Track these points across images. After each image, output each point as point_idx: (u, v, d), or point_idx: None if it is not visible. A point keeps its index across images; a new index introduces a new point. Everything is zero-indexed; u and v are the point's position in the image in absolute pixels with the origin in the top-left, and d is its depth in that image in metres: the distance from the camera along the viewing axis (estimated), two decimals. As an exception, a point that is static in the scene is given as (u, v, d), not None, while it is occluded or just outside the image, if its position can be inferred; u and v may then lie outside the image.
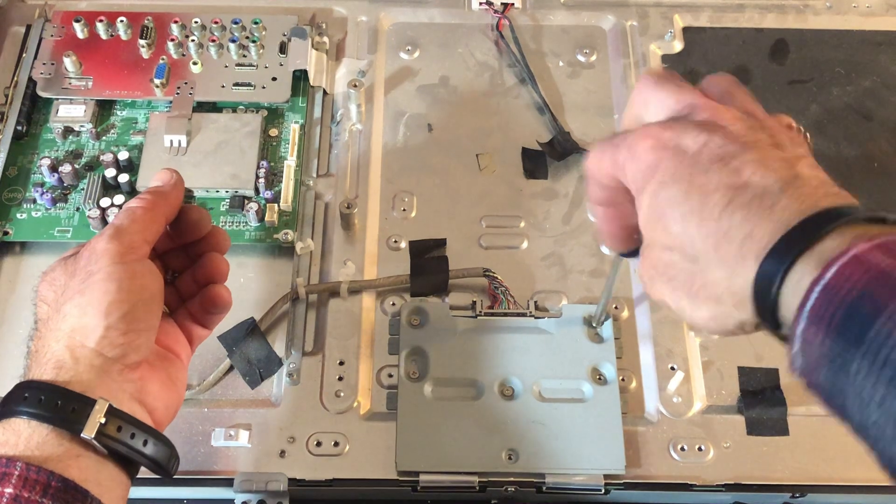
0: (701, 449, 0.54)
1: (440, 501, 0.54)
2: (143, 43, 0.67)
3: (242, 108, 0.66)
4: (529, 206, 0.64)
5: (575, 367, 0.56)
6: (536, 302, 0.58)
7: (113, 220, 0.44)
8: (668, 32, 0.73)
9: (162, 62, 0.66)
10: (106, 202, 0.60)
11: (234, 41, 0.67)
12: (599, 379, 0.55)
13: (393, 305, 0.59)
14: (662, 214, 0.35)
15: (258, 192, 0.62)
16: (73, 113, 0.65)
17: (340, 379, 0.56)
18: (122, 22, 0.67)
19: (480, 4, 0.73)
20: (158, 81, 0.65)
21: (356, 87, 0.66)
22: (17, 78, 0.66)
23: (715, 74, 0.39)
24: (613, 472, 0.53)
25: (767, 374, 0.57)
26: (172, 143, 0.63)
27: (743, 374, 0.57)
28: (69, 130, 0.64)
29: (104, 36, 0.68)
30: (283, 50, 0.67)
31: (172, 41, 0.67)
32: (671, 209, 0.34)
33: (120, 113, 0.66)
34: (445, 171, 0.65)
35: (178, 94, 0.65)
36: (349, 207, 0.61)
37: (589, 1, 0.74)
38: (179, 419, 0.46)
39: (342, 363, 0.57)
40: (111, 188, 0.62)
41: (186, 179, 0.48)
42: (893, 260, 0.29)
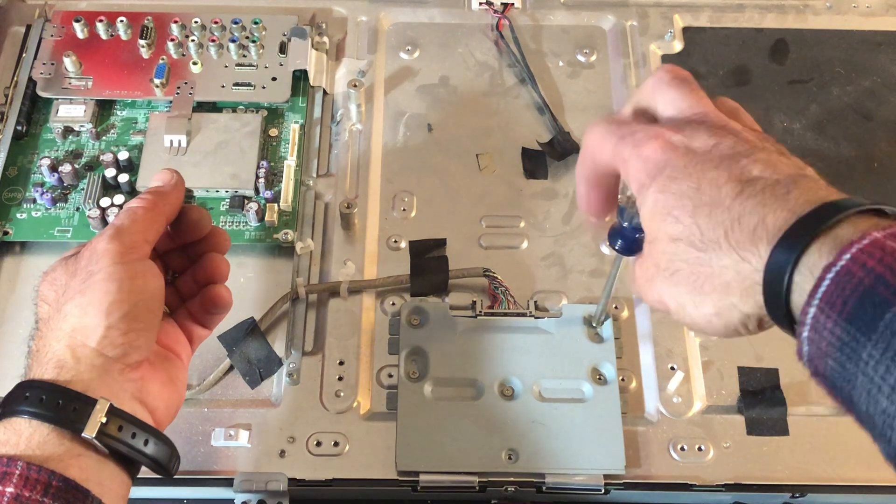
0: (701, 449, 0.54)
1: (440, 501, 0.54)
2: (143, 43, 0.67)
3: (242, 108, 0.66)
4: (529, 206, 0.64)
5: (575, 367, 0.56)
6: (536, 302, 0.58)
7: (113, 220, 0.44)
8: (668, 32, 0.73)
9: (162, 62, 0.66)
10: (106, 202, 0.60)
11: (234, 41, 0.67)
12: (599, 379, 0.55)
13: (393, 305, 0.59)
14: (672, 207, 0.35)
15: (258, 192, 0.62)
16: (73, 113, 0.65)
17: (340, 379, 0.56)
18: (122, 22, 0.67)
19: (480, 4, 0.73)
20: (158, 81, 0.65)
21: (356, 87, 0.66)
22: (17, 78, 0.66)
23: (721, 98, 0.39)
24: (613, 472, 0.53)
25: (767, 374, 0.57)
26: (172, 143, 0.63)
27: (743, 374, 0.57)
28: (69, 130, 0.64)
29: (104, 36, 0.68)
30: (283, 50, 0.67)
31: (172, 41, 0.67)
32: (681, 202, 0.34)
33: (120, 113, 0.66)
34: (445, 171, 0.65)
35: (178, 94, 0.65)
36: (349, 207, 0.61)
37: (589, 1, 0.74)
38: (179, 419, 0.46)
39: (342, 363, 0.57)
40: (111, 188, 0.62)
41: (186, 179, 0.48)
42: None
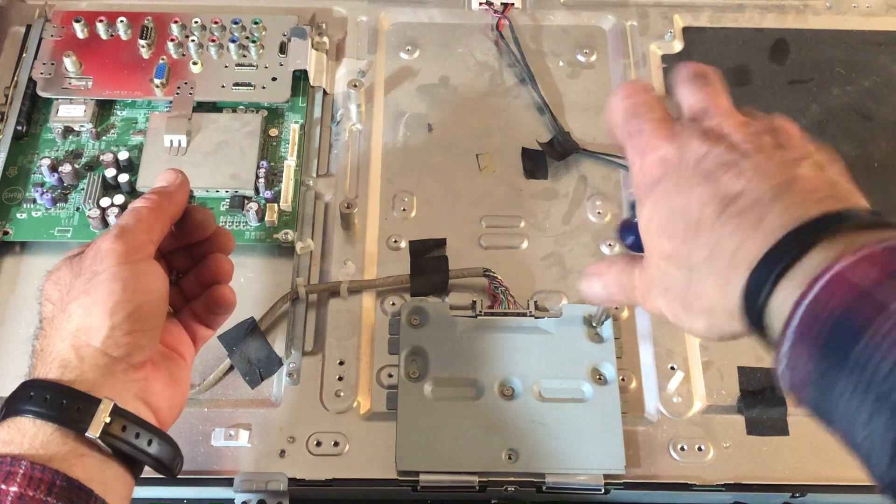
0: (701, 449, 0.54)
1: (440, 501, 0.54)
2: (143, 43, 0.67)
3: (242, 108, 0.66)
4: (529, 206, 0.64)
5: (575, 367, 0.56)
6: (536, 302, 0.58)
7: (118, 219, 0.44)
8: (668, 32, 0.73)
9: (162, 62, 0.66)
10: (106, 202, 0.60)
11: (234, 41, 0.67)
12: (599, 379, 0.55)
13: (393, 305, 0.59)
14: (664, 224, 0.36)
15: (258, 192, 0.62)
16: (73, 113, 0.65)
17: (340, 379, 0.56)
18: (122, 22, 0.67)
19: (480, 4, 0.73)
20: (158, 81, 0.65)
21: (356, 87, 0.66)
22: (17, 78, 0.66)
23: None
24: (613, 471, 0.53)
25: (767, 374, 0.57)
26: (172, 143, 0.63)
27: (743, 374, 0.57)
28: (69, 130, 0.64)
29: (104, 36, 0.68)
30: (283, 50, 0.67)
31: (172, 41, 0.67)
32: (672, 219, 0.36)
33: (120, 113, 0.66)
34: (445, 171, 0.65)
35: (178, 94, 0.65)
36: (349, 207, 0.61)
37: (589, 1, 0.74)
38: (180, 419, 0.46)
39: (342, 363, 0.57)
40: (111, 188, 0.62)
41: (186, 179, 0.48)
42: (878, 273, 0.28)
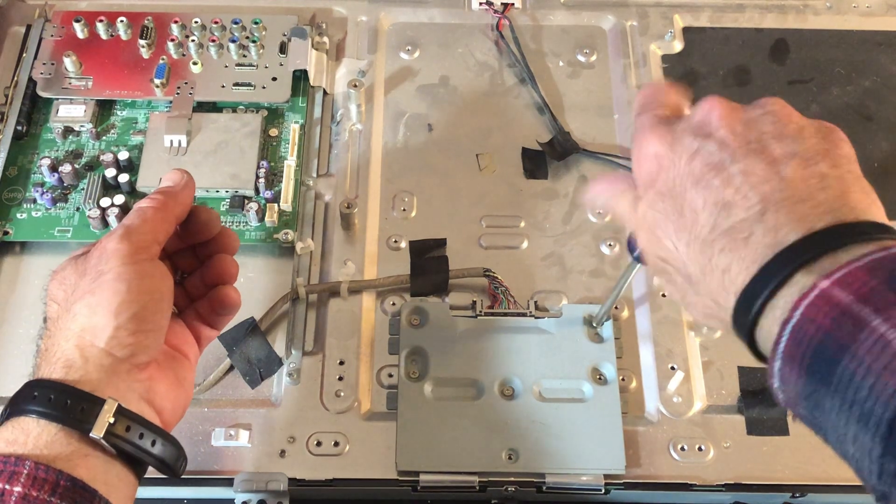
0: (701, 449, 0.54)
1: (440, 501, 0.54)
2: (143, 43, 0.67)
3: (242, 108, 0.66)
4: (529, 206, 0.64)
5: (575, 367, 0.56)
6: (536, 302, 0.58)
7: (124, 219, 0.44)
8: (668, 32, 0.73)
9: (162, 62, 0.66)
10: (106, 202, 0.60)
11: (234, 41, 0.67)
12: (599, 379, 0.55)
13: (393, 305, 0.59)
14: (656, 226, 0.36)
15: (258, 192, 0.62)
16: (73, 113, 0.65)
17: (340, 379, 0.56)
18: (122, 22, 0.67)
19: (480, 4, 0.73)
20: (158, 81, 0.65)
21: (356, 87, 0.66)
22: (17, 78, 0.66)
23: None
24: (613, 471, 0.53)
25: (767, 374, 0.57)
26: (172, 143, 0.63)
27: (743, 374, 0.57)
28: (69, 130, 0.64)
29: (104, 36, 0.68)
30: (283, 50, 0.67)
31: (172, 41, 0.67)
32: (665, 223, 0.36)
33: (120, 113, 0.66)
34: (445, 171, 0.65)
35: (178, 94, 0.65)
36: (349, 207, 0.61)
37: (589, 1, 0.74)
38: (180, 419, 0.46)
39: (342, 363, 0.57)
40: (111, 188, 0.62)
41: (186, 180, 0.48)
42: (853, 294, 0.29)
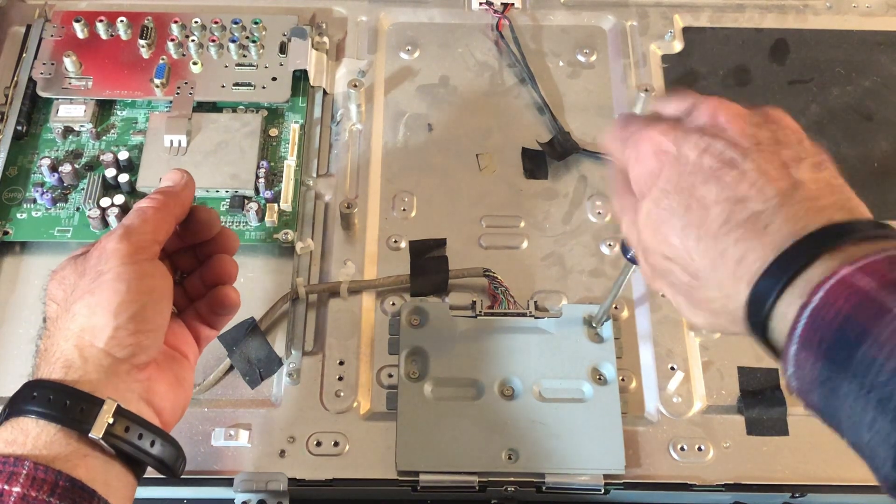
0: (701, 449, 0.54)
1: (440, 501, 0.54)
2: (143, 43, 0.67)
3: (242, 108, 0.66)
4: (529, 206, 0.64)
5: (575, 367, 0.56)
6: (536, 302, 0.58)
7: (123, 219, 0.44)
8: (668, 32, 0.73)
9: (162, 62, 0.66)
10: (106, 202, 0.60)
11: (234, 41, 0.67)
12: (599, 379, 0.55)
13: (393, 305, 0.59)
14: (662, 223, 0.36)
15: (258, 192, 0.62)
16: (73, 113, 0.65)
17: (340, 379, 0.56)
18: (122, 22, 0.67)
19: (480, 4, 0.73)
20: (158, 81, 0.65)
21: (356, 87, 0.66)
22: (17, 78, 0.66)
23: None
24: (613, 471, 0.53)
25: (767, 374, 0.57)
26: (172, 143, 0.63)
27: (743, 374, 0.57)
28: (69, 130, 0.64)
29: (104, 36, 0.68)
30: (283, 50, 0.67)
31: (172, 41, 0.67)
32: (671, 219, 0.35)
33: (120, 113, 0.66)
34: (445, 171, 0.65)
35: (178, 94, 0.65)
36: (349, 207, 0.61)
37: (589, 1, 0.74)
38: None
39: (342, 363, 0.57)
40: (111, 188, 0.62)
41: (187, 180, 0.48)
42: (876, 281, 0.29)
